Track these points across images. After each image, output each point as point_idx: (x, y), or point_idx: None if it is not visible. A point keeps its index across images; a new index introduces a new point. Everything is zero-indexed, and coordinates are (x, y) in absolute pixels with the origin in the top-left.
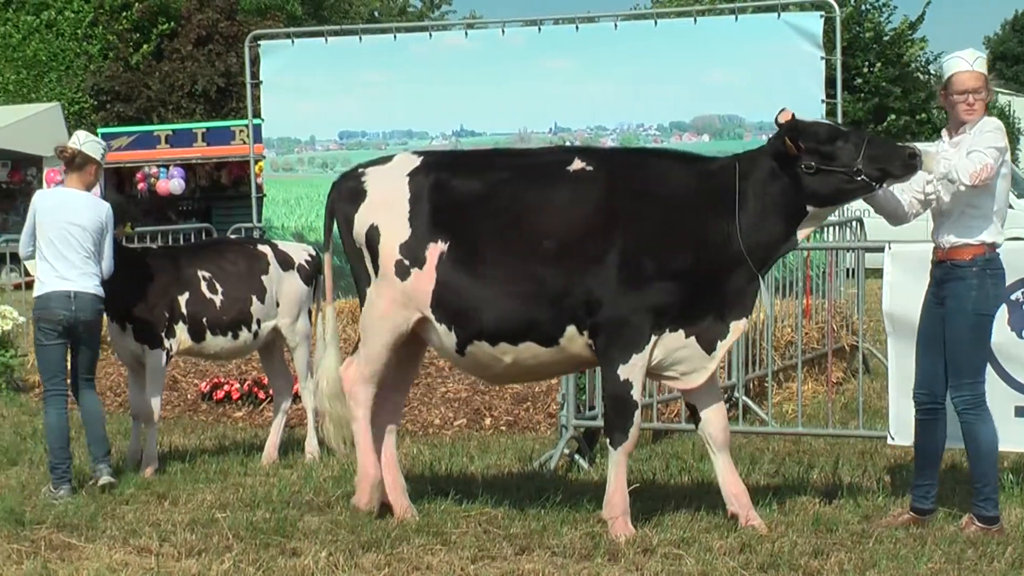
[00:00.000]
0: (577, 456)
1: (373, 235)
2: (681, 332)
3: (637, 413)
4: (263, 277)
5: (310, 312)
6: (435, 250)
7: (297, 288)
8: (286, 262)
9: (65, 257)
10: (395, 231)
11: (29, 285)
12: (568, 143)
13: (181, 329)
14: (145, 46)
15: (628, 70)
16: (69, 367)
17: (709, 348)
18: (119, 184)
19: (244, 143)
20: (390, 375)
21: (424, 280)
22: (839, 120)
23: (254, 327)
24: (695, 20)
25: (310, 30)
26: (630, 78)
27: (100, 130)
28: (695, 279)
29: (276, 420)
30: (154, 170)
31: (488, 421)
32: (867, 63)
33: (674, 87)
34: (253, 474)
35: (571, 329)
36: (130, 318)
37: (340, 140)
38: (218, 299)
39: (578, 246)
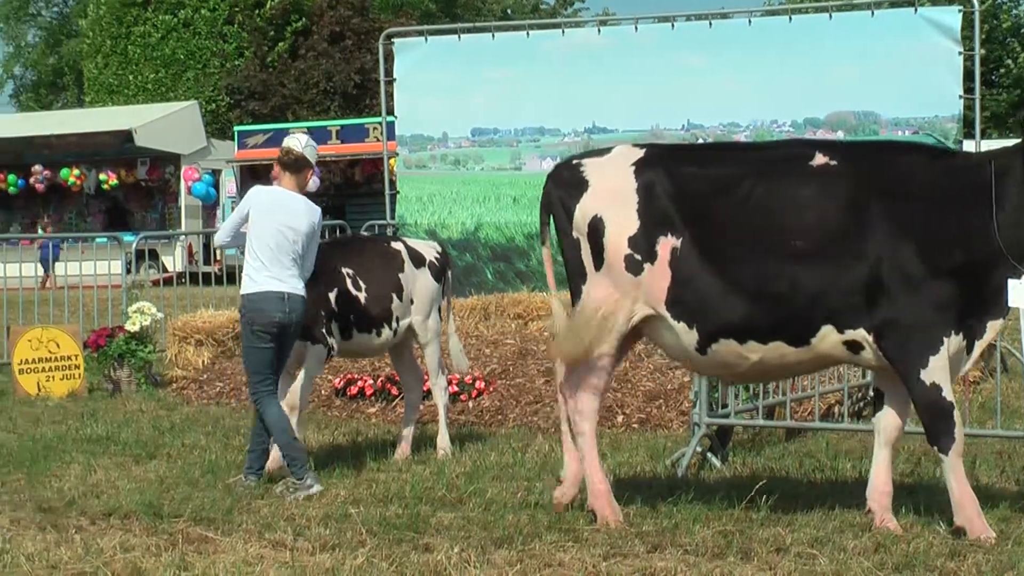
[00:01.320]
0: (710, 454)
1: (597, 227)
2: (960, 333)
3: (955, 413)
4: (399, 274)
5: (439, 309)
6: (667, 244)
7: (429, 285)
8: (418, 259)
9: (278, 259)
10: (622, 223)
11: (168, 281)
12: (701, 140)
13: (333, 326)
14: (280, 44)
15: (762, 66)
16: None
17: (968, 348)
18: (254, 181)
19: (378, 140)
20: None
21: (658, 275)
22: (977, 115)
23: (394, 324)
24: (830, 16)
25: (443, 28)
26: (764, 74)
27: (236, 128)
28: (962, 277)
29: (408, 416)
30: None
31: (620, 419)
32: (1008, 55)
33: (808, 83)
34: (386, 470)
35: (826, 328)
36: None
37: (472, 137)
38: (362, 296)
39: (836, 245)
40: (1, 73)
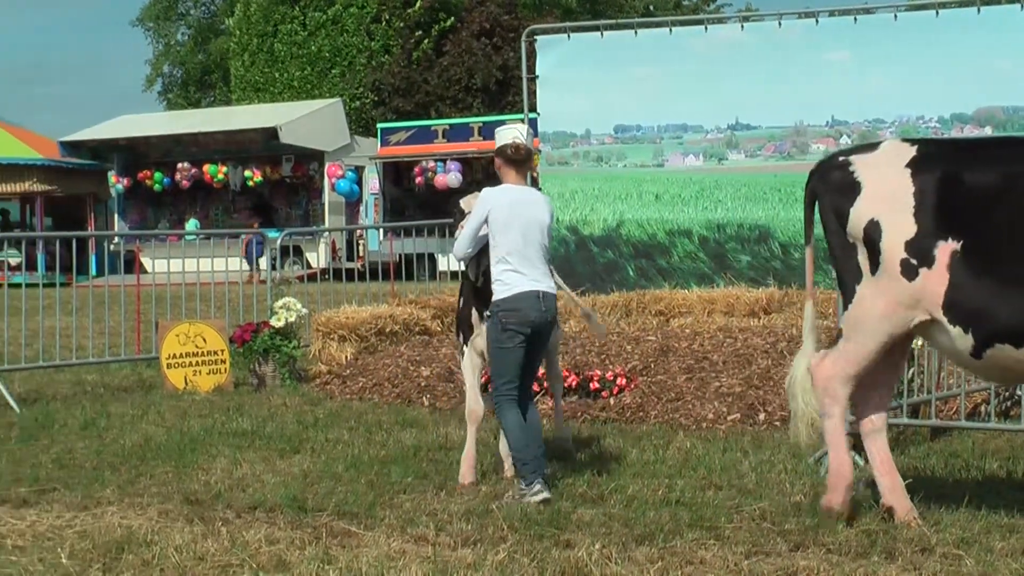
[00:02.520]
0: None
1: (872, 231)
2: None
3: None
4: None
5: None
6: (946, 248)
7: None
8: None
9: (527, 257)
10: (899, 227)
11: (312, 277)
12: (845, 137)
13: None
14: (426, 41)
15: (908, 61)
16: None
17: None
18: (396, 178)
19: None
20: (879, 373)
21: (935, 280)
22: None
23: None
24: (979, 9)
25: (586, 25)
26: (909, 69)
27: (379, 125)
28: None
29: (557, 410)
30: (431, 164)
31: (762, 416)
32: None
33: (955, 78)
34: None
35: None
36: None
37: (615, 134)
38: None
39: None
40: (150, 71)
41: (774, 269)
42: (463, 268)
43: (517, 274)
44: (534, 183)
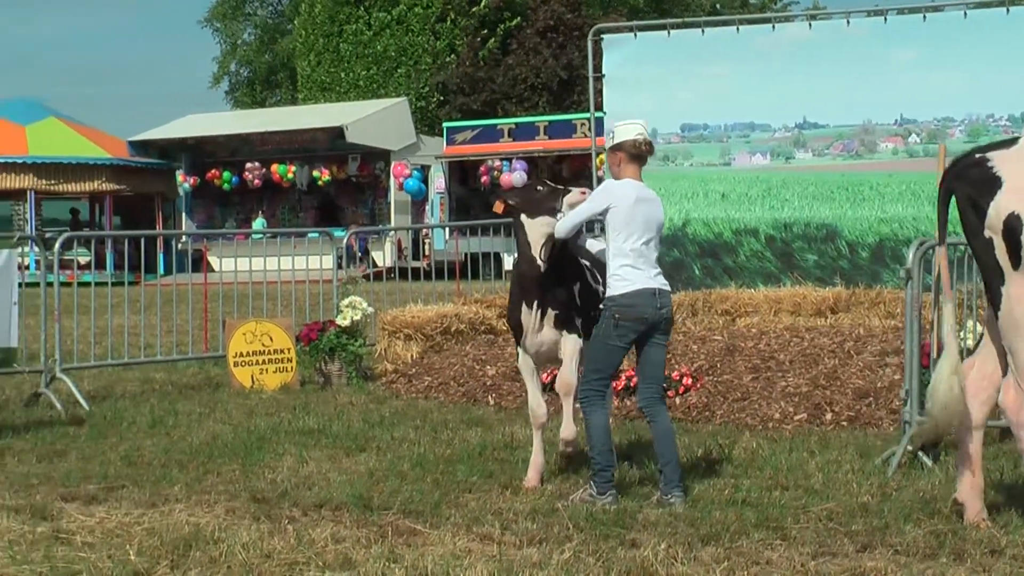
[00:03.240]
0: (921, 453)
1: (1014, 225)
2: None
3: None
4: None
5: None
6: None
7: None
8: None
9: (645, 254)
10: None
11: (378, 276)
12: (913, 136)
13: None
14: (492, 40)
15: (977, 59)
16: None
17: None
18: (462, 177)
19: (585, 136)
20: (997, 365)
21: None
22: None
23: None
24: None
25: (653, 24)
26: (979, 67)
27: (445, 124)
28: None
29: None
30: (497, 163)
31: (829, 416)
32: None
33: None
34: None
35: None
36: (557, 305)
37: (682, 133)
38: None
39: None
40: (217, 69)
41: (841, 268)
42: (513, 266)
43: (636, 271)
44: (599, 182)
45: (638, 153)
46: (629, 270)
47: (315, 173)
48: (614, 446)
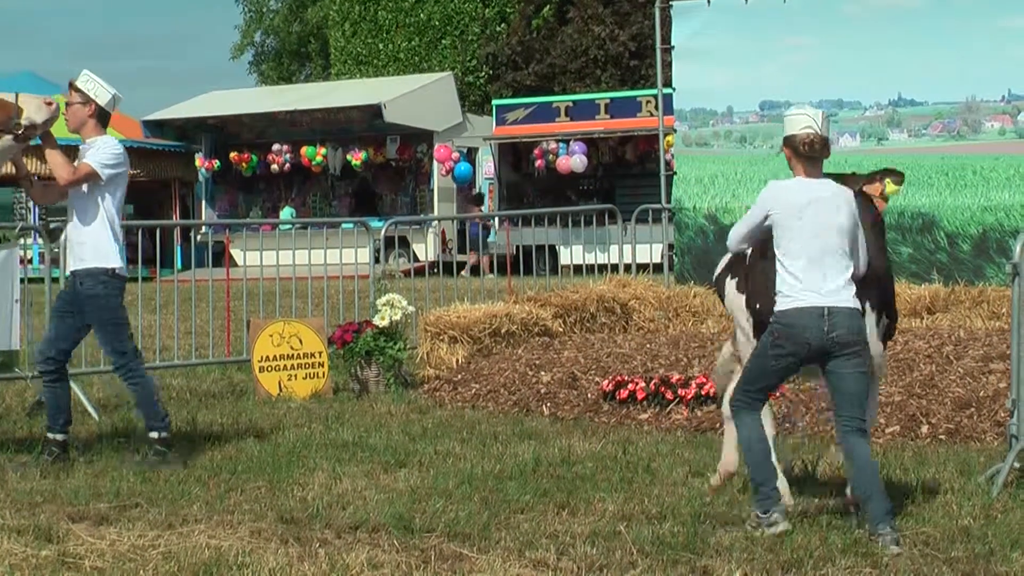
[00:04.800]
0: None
1: None
2: None
3: None
4: None
5: None
6: None
7: None
8: None
9: (820, 265)
10: None
11: (419, 272)
12: (1022, 112)
13: None
14: (547, 8)
15: None
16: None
17: None
18: (515, 161)
19: (652, 115)
20: None
21: None
22: None
23: None
24: None
25: None
26: None
27: (494, 102)
28: None
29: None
30: (553, 145)
31: (925, 429)
32: None
33: None
34: (659, 483)
35: None
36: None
37: (761, 111)
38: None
39: None
40: (240, 39)
41: (939, 263)
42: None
43: (800, 284)
44: (668, 166)
45: (807, 154)
46: (794, 284)
47: (348, 156)
48: (773, 459)
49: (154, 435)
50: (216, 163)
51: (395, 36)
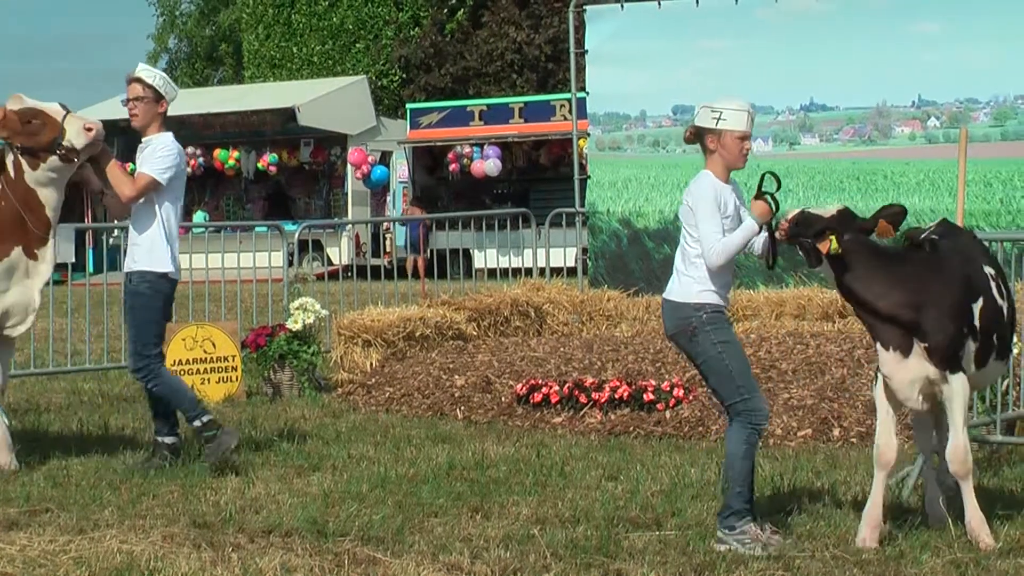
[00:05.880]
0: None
1: None
2: None
3: None
4: None
5: None
6: None
7: None
8: None
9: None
10: None
11: (332, 275)
12: (933, 119)
13: (970, 348)
14: (460, 11)
15: (1006, 33)
16: None
17: None
18: (430, 165)
19: (566, 119)
20: None
21: None
22: None
23: None
24: None
25: None
26: (1008, 43)
27: (408, 106)
28: None
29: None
30: (467, 149)
31: (837, 432)
32: None
33: None
34: (573, 487)
35: None
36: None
37: (674, 115)
38: (1006, 308)
39: None
40: (154, 46)
41: None
42: None
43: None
44: (582, 170)
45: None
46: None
47: (271, 157)
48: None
49: (196, 424)
50: (130, 166)
51: (308, 39)
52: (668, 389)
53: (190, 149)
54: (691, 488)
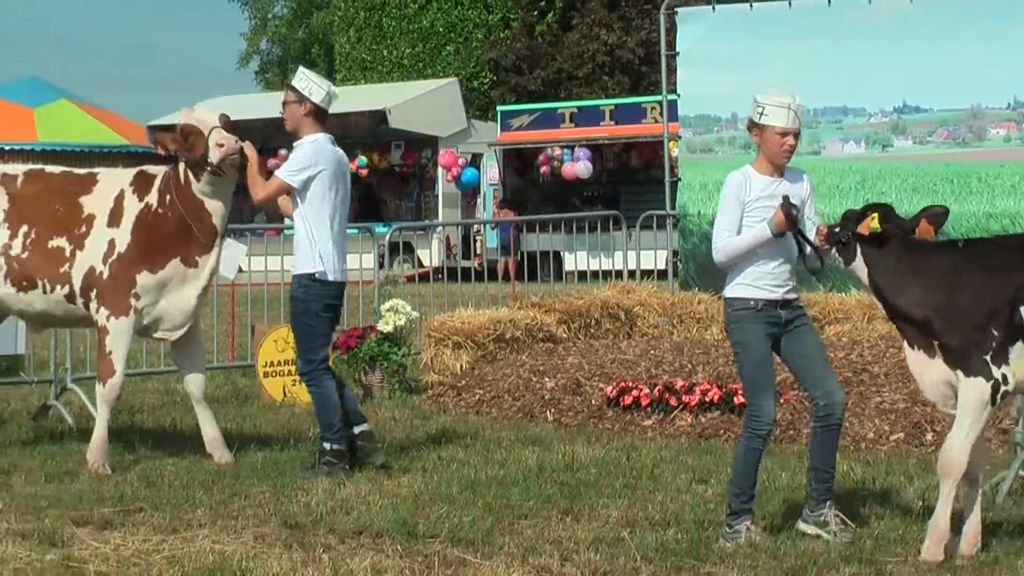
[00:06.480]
0: None
1: None
2: None
3: None
4: None
5: None
6: None
7: None
8: None
9: None
10: None
11: (423, 277)
12: None
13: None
14: (550, 14)
15: None
16: None
17: None
18: (520, 167)
19: (656, 121)
20: None
21: None
22: None
23: None
24: None
25: None
26: None
27: (499, 107)
28: None
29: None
30: (558, 152)
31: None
32: None
33: None
34: (663, 489)
35: None
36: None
37: None
38: None
39: None
40: (246, 47)
41: None
42: None
43: None
44: (672, 172)
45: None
46: None
47: (362, 159)
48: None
49: (325, 446)
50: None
51: (399, 42)
52: None
53: (282, 152)
54: (781, 492)
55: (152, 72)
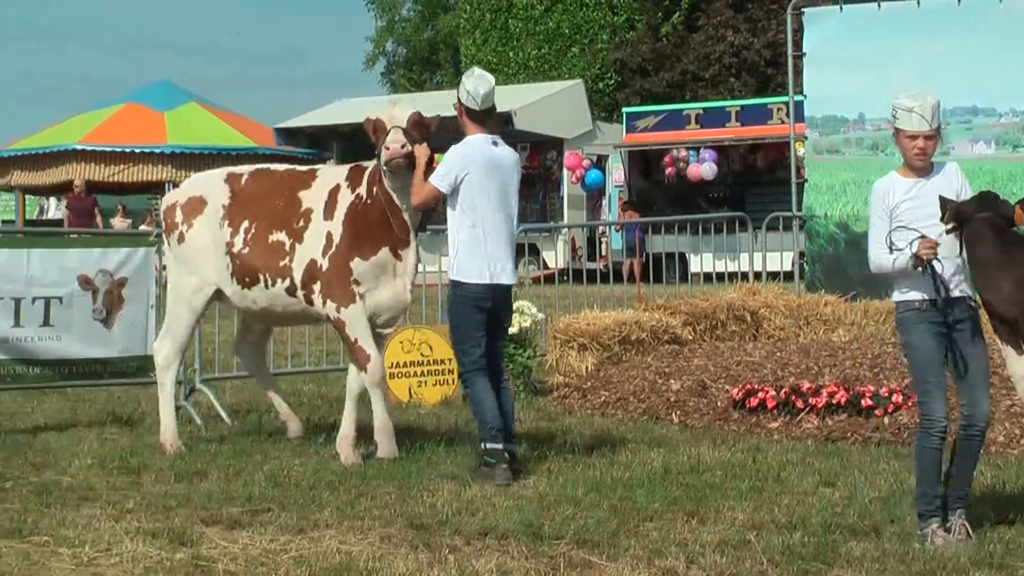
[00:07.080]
0: None
1: None
2: None
3: None
4: None
5: None
6: None
7: None
8: None
9: None
10: None
11: (548, 278)
12: None
13: None
14: (675, 15)
15: None
16: None
17: None
18: (645, 169)
19: (783, 122)
20: None
21: None
22: None
23: None
24: None
25: None
26: None
27: (624, 109)
28: None
29: None
30: (683, 153)
31: None
32: None
33: None
34: (789, 492)
35: None
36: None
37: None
38: None
39: None
40: (373, 49)
41: None
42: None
43: None
44: (798, 173)
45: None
46: None
47: None
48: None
49: (482, 445)
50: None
51: (525, 44)
52: (887, 395)
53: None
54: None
55: (279, 73)
